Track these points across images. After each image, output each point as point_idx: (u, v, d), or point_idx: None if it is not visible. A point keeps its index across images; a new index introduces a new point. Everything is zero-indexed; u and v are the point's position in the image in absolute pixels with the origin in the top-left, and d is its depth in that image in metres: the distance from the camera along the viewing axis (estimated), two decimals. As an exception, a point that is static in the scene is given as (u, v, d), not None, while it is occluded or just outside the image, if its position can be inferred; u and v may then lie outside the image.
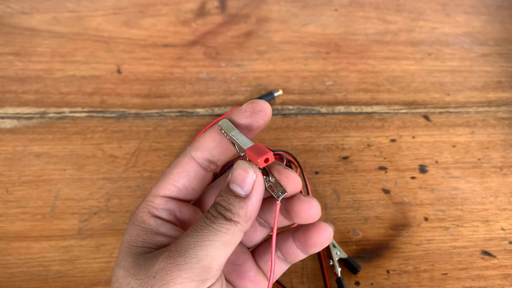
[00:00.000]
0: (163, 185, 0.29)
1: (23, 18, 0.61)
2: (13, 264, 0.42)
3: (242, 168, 0.26)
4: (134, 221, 0.28)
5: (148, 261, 0.25)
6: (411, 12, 0.65)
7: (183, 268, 0.24)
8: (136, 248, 0.27)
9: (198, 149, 0.29)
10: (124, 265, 0.26)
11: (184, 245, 0.25)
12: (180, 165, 0.29)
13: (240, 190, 0.26)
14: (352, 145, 0.51)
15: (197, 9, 0.64)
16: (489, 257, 0.44)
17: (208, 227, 0.25)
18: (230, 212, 0.26)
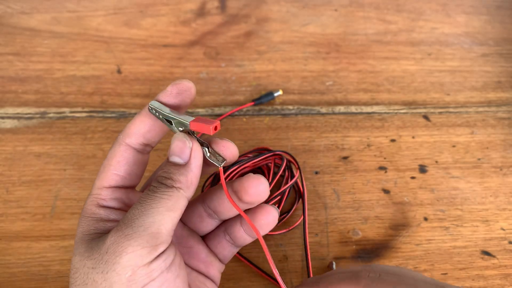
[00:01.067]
0: (106, 176, 0.29)
1: (23, 18, 0.61)
2: (13, 264, 0.42)
3: (178, 140, 0.28)
4: (84, 214, 0.29)
5: (100, 242, 0.27)
6: (411, 12, 0.65)
7: (132, 237, 0.25)
8: (88, 236, 0.28)
9: (132, 136, 0.30)
10: (78, 252, 0.27)
11: (130, 217, 0.26)
12: (118, 154, 0.30)
13: (179, 160, 0.28)
14: (352, 145, 0.51)
15: (197, 9, 0.64)
16: (489, 257, 0.44)
17: (150, 196, 0.27)
18: (170, 180, 0.27)
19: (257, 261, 0.43)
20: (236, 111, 0.53)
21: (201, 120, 0.28)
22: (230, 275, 0.42)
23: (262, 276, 0.42)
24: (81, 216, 0.29)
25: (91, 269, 0.26)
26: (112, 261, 0.25)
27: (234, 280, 0.42)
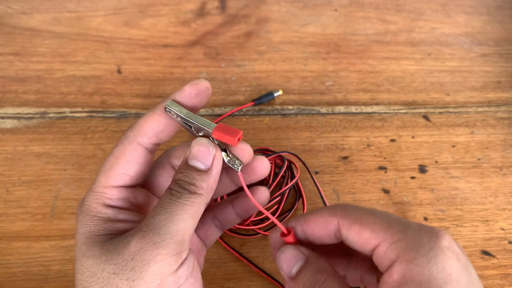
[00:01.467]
0: (115, 175, 0.29)
1: (23, 18, 0.61)
2: (14, 264, 0.42)
3: (201, 145, 0.28)
4: (87, 212, 0.28)
5: (118, 245, 0.26)
6: (411, 12, 0.65)
7: (161, 246, 0.25)
8: (98, 237, 0.27)
9: (145, 135, 0.29)
10: (92, 254, 0.26)
11: (156, 223, 0.26)
12: (129, 153, 0.29)
13: (201, 165, 0.28)
14: (352, 145, 0.51)
15: (197, 9, 0.64)
16: (489, 257, 0.44)
17: (175, 202, 0.26)
18: (194, 186, 0.27)
19: (257, 261, 0.43)
20: (236, 111, 0.53)
21: (223, 129, 0.28)
22: (230, 275, 0.42)
23: (262, 276, 0.42)
24: (80, 214, 0.29)
25: (113, 275, 0.25)
26: (139, 269, 0.25)
27: (234, 280, 0.42)
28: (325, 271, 0.27)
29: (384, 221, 0.26)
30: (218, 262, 0.43)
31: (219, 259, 0.43)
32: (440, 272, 0.24)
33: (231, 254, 0.43)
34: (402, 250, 0.25)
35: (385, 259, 0.26)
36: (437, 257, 0.24)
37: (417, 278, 0.24)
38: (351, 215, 0.28)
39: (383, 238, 0.26)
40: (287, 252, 0.29)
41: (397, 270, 0.25)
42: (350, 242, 0.28)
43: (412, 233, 0.25)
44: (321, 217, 0.29)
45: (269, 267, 0.43)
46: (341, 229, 0.28)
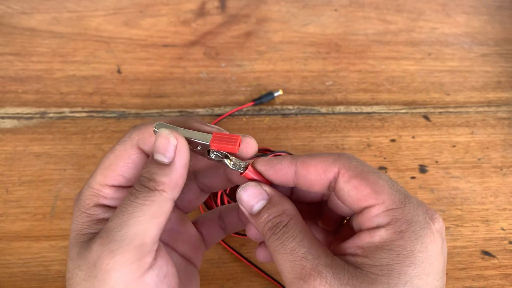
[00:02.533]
0: (111, 175, 0.28)
1: (23, 18, 0.61)
2: (13, 264, 0.42)
3: (162, 136, 0.26)
4: (80, 208, 0.28)
5: (86, 250, 0.25)
6: (411, 12, 0.65)
7: (117, 253, 0.24)
8: (82, 237, 0.27)
9: (147, 145, 0.28)
10: (72, 256, 0.26)
11: (112, 228, 0.25)
12: (128, 156, 0.28)
13: (163, 158, 0.26)
14: (352, 145, 0.51)
15: (197, 9, 0.64)
16: (489, 257, 0.44)
17: (131, 203, 0.25)
18: (153, 182, 0.26)
19: (257, 261, 0.43)
20: (236, 111, 0.53)
21: (220, 139, 0.27)
22: (230, 275, 0.42)
23: (262, 276, 0.42)
24: (75, 208, 0.28)
25: (83, 281, 0.25)
26: (101, 277, 0.24)
27: (234, 280, 0.42)
28: (289, 213, 0.27)
29: (388, 185, 0.26)
30: (218, 262, 0.43)
31: (219, 259, 0.43)
32: (422, 251, 0.24)
33: (231, 254, 0.43)
34: (395, 219, 0.25)
35: (375, 221, 0.25)
36: (426, 236, 0.24)
37: (397, 250, 0.24)
38: (354, 167, 0.26)
39: (382, 201, 0.25)
40: (249, 189, 0.27)
41: (381, 235, 0.25)
42: (342, 195, 0.27)
43: (410, 207, 0.25)
44: (323, 162, 0.27)
45: (269, 267, 0.43)
46: (340, 179, 0.27)
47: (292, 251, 0.25)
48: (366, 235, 0.25)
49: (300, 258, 0.25)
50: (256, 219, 0.27)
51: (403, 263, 0.24)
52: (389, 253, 0.24)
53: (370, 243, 0.25)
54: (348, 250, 0.26)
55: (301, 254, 0.25)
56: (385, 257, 0.24)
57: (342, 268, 0.24)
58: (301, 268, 0.25)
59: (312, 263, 0.25)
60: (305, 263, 0.25)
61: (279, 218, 0.26)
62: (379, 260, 0.24)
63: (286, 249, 0.25)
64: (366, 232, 0.25)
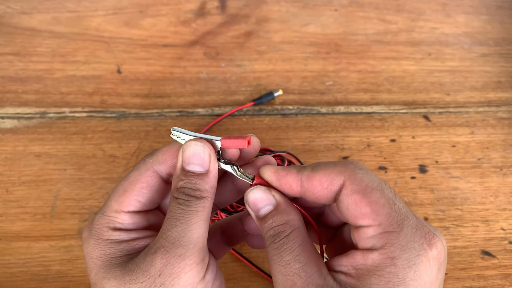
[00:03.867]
0: (127, 201, 0.28)
1: (23, 18, 0.61)
2: (13, 264, 0.42)
3: (194, 148, 0.28)
4: (99, 236, 0.28)
5: (142, 264, 0.26)
6: (411, 12, 0.65)
7: (187, 256, 0.25)
8: (117, 259, 0.27)
9: (163, 163, 0.29)
10: (113, 276, 0.26)
11: (176, 236, 0.26)
12: (143, 180, 0.29)
13: (200, 168, 0.28)
14: (352, 145, 0.51)
15: (197, 9, 0.64)
16: (489, 257, 0.44)
17: (186, 212, 0.26)
18: (199, 191, 0.27)
19: (257, 261, 0.43)
20: (236, 111, 0.53)
21: (230, 137, 0.28)
22: (230, 275, 0.42)
23: (262, 276, 0.42)
24: (91, 237, 0.28)
25: None
26: (169, 283, 0.25)
27: (234, 280, 0.42)
28: (292, 224, 0.27)
29: (388, 205, 0.25)
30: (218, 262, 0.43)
31: (219, 259, 0.43)
32: (414, 279, 0.24)
33: (231, 254, 0.43)
34: (390, 244, 0.24)
35: (369, 242, 0.25)
36: (420, 264, 0.24)
37: (388, 276, 0.24)
38: (359, 181, 0.26)
39: (379, 223, 0.25)
40: (258, 192, 0.28)
41: (374, 259, 0.24)
42: (342, 207, 0.26)
43: (407, 231, 0.25)
44: (328, 175, 0.27)
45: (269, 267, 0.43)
46: (343, 191, 0.26)
47: (287, 264, 0.25)
48: (359, 256, 0.25)
49: (293, 273, 0.25)
50: (261, 222, 0.28)
51: None
52: (379, 279, 0.24)
53: (363, 265, 0.25)
54: (342, 268, 0.26)
55: (294, 269, 0.25)
56: (375, 283, 0.24)
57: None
58: (292, 284, 0.25)
59: (303, 281, 0.25)
60: (297, 280, 0.25)
61: (282, 228, 0.27)
62: (370, 285, 0.24)
63: (281, 261, 0.26)
64: (360, 252, 0.25)
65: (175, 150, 0.29)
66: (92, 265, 0.28)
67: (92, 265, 0.28)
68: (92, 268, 0.28)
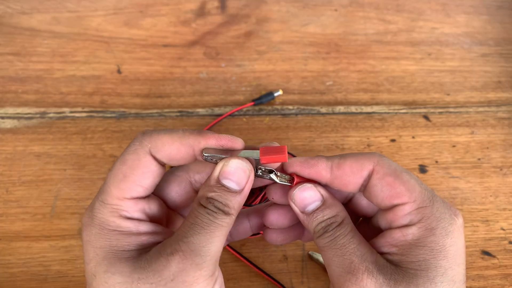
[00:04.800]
0: (129, 187, 0.28)
1: (23, 18, 0.61)
2: (13, 264, 0.42)
3: (237, 166, 0.28)
4: (103, 226, 0.27)
5: (155, 264, 0.25)
6: (411, 12, 0.65)
7: (203, 267, 0.26)
8: (124, 253, 0.27)
9: (160, 153, 0.28)
10: (119, 271, 0.26)
11: (197, 244, 0.26)
12: (144, 165, 0.28)
13: (235, 186, 0.28)
14: (352, 145, 0.51)
15: (197, 9, 0.64)
16: (489, 257, 0.44)
17: (212, 223, 0.27)
18: (228, 207, 0.27)
19: (257, 261, 0.43)
20: (236, 111, 0.53)
21: (268, 152, 0.28)
22: (230, 275, 0.42)
23: (262, 276, 0.42)
24: (94, 226, 0.27)
25: None
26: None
27: (234, 280, 0.42)
28: (341, 215, 0.29)
29: (418, 184, 0.28)
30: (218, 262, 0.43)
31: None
32: (452, 245, 0.27)
33: (231, 254, 0.43)
34: (426, 217, 0.27)
35: (406, 219, 0.27)
36: (454, 232, 0.27)
37: (430, 245, 0.26)
38: (388, 166, 0.28)
39: (414, 199, 0.27)
40: (306, 191, 0.29)
41: (414, 233, 0.27)
42: (374, 191, 0.28)
43: (438, 205, 0.27)
44: (357, 161, 0.29)
45: (269, 267, 0.43)
46: (374, 176, 0.28)
47: (343, 246, 0.27)
48: (398, 234, 0.27)
49: (349, 253, 0.27)
50: (308, 217, 0.29)
51: (437, 257, 0.26)
52: (423, 250, 0.26)
53: (403, 241, 0.27)
54: (383, 249, 0.28)
55: (350, 249, 0.27)
56: (421, 254, 0.26)
57: (385, 265, 0.27)
58: (350, 263, 0.26)
59: (360, 258, 0.27)
60: (354, 258, 0.27)
61: (333, 219, 0.28)
62: (416, 256, 0.26)
63: (337, 245, 0.27)
64: (397, 230, 0.28)
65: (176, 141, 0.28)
66: (93, 255, 0.27)
67: (92, 254, 0.27)
68: (93, 257, 0.27)
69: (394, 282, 0.26)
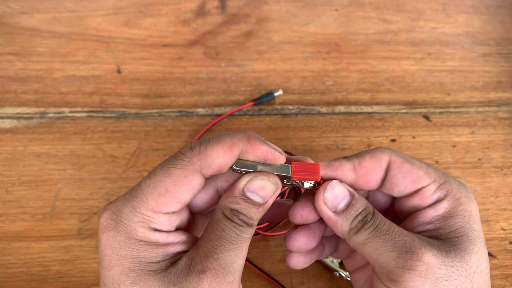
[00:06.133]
0: (168, 202, 0.26)
1: (23, 18, 0.61)
2: (13, 264, 0.42)
3: (266, 184, 0.28)
4: (131, 234, 0.26)
5: (185, 280, 0.25)
6: (411, 12, 0.65)
7: (233, 285, 0.26)
8: (152, 265, 0.26)
9: (211, 168, 0.27)
10: (149, 285, 0.25)
11: (227, 260, 0.26)
12: (189, 182, 0.27)
13: (260, 200, 0.28)
14: (352, 145, 0.51)
15: (197, 9, 0.64)
16: (490, 257, 0.44)
17: (240, 238, 0.27)
18: (251, 220, 0.27)
19: (257, 261, 0.43)
20: (236, 111, 0.53)
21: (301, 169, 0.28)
22: (230, 275, 0.42)
23: (262, 276, 0.42)
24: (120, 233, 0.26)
25: None
26: None
27: (234, 280, 0.42)
28: (371, 206, 0.29)
29: (429, 166, 0.30)
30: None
31: (219, 259, 0.43)
32: (475, 210, 0.29)
33: (231, 254, 0.43)
34: (450, 190, 0.29)
35: (434, 197, 0.30)
36: (472, 198, 0.30)
37: (462, 213, 0.29)
38: (400, 156, 0.30)
39: (434, 179, 0.30)
40: (336, 188, 0.29)
41: (445, 206, 0.29)
42: (397, 179, 0.30)
43: (452, 179, 0.30)
44: (374, 156, 0.30)
45: (269, 267, 0.43)
46: (392, 165, 0.30)
47: (389, 230, 0.28)
48: (430, 211, 0.29)
49: (398, 234, 0.28)
50: (341, 216, 0.29)
51: (470, 222, 0.29)
52: (457, 218, 0.29)
53: (437, 216, 0.29)
54: (417, 229, 0.29)
55: (397, 231, 0.28)
56: (457, 222, 0.29)
57: (430, 240, 0.28)
58: (403, 243, 0.27)
59: (410, 237, 0.27)
60: (405, 237, 0.27)
61: (367, 211, 0.29)
62: (454, 225, 0.29)
63: (381, 231, 0.28)
64: (428, 209, 0.29)
65: (226, 152, 0.27)
66: (116, 262, 0.26)
67: (115, 261, 0.26)
68: (115, 265, 0.26)
69: (446, 252, 0.27)
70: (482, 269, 0.28)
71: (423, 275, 0.26)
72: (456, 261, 0.27)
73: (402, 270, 0.26)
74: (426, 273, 0.26)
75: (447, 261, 0.27)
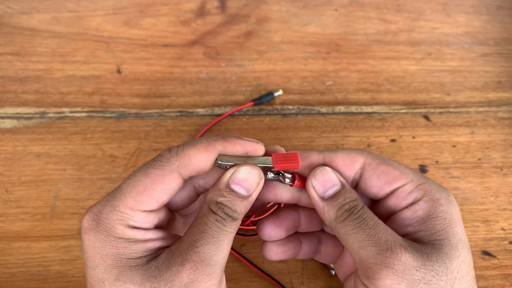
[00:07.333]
0: (146, 200, 0.27)
1: (23, 18, 0.61)
2: (13, 264, 0.42)
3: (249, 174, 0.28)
4: (110, 232, 0.27)
5: (166, 273, 0.26)
6: (411, 12, 0.65)
7: (213, 277, 0.26)
8: (132, 261, 0.27)
9: (189, 169, 0.28)
10: (130, 280, 0.26)
11: (207, 253, 0.26)
12: (167, 182, 0.28)
13: (244, 192, 0.28)
14: (352, 145, 0.51)
15: (197, 9, 0.64)
16: (489, 257, 0.44)
17: (221, 231, 0.27)
18: (236, 213, 0.27)
19: (257, 261, 0.43)
20: (236, 111, 0.53)
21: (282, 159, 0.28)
22: (230, 275, 0.42)
23: (262, 277, 0.42)
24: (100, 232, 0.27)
25: None
26: None
27: (234, 280, 0.42)
28: (361, 201, 0.29)
29: (407, 168, 0.30)
30: (218, 262, 0.43)
31: (219, 259, 0.43)
32: (457, 213, 0.29)
33: (231, 254, 0.43)
34: (428, 191, 0.29)
35: (411, 197, 0.29)
36: (453, 201, 0.29)
37: (442, 215, 0.28)
38: (377, 157, 0.30)
39: (411, 179, 0.29)
40: (326, 174, 0.29)
41: (423, 208, 0.29)
42: (372, 180, 0.30)
43: (431, 180, 0.30)
44: (349, 155, 0.30)
45: (269, 267, 0.43)
46: (367, 167, 0.30)
47: (375, 226, 0.28)
48: (408, 213, 0.29)
49: (383, 231, 0.27)
50: (328, 202, 0.29)
51: (451, 225, 0.28)
52: (437, 220, 0.28)
53: (416, 217, 0.29)
54: (398, 232, 0.28)
55: (382, 228, 0.28)
56: (437, 224, 0.28)
57: (412, 243, 0.27)
58: (386, 240, 0.27)
59: (393, 237, 0.27)
60: (389, 236, 0.27)
61: (356, 202, 0.29)
62: (434, 227, 0.28)
63: (368, 225, 0.28)
64: (406, 210, 0.29)
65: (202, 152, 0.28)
66: (99, 261, 0.27)
67: (99, 260, 0.27)
68: (99, 264, 0.27)
69: (427, 255, 0.27)
70: (463, 274, 0.28)
71: (400, 274, 0.26)
72: (437, 265, 0.26)
73: (380, 267, 0.26)
74: (403, 272, 0.26)
75: (428, 265, 0.26)
